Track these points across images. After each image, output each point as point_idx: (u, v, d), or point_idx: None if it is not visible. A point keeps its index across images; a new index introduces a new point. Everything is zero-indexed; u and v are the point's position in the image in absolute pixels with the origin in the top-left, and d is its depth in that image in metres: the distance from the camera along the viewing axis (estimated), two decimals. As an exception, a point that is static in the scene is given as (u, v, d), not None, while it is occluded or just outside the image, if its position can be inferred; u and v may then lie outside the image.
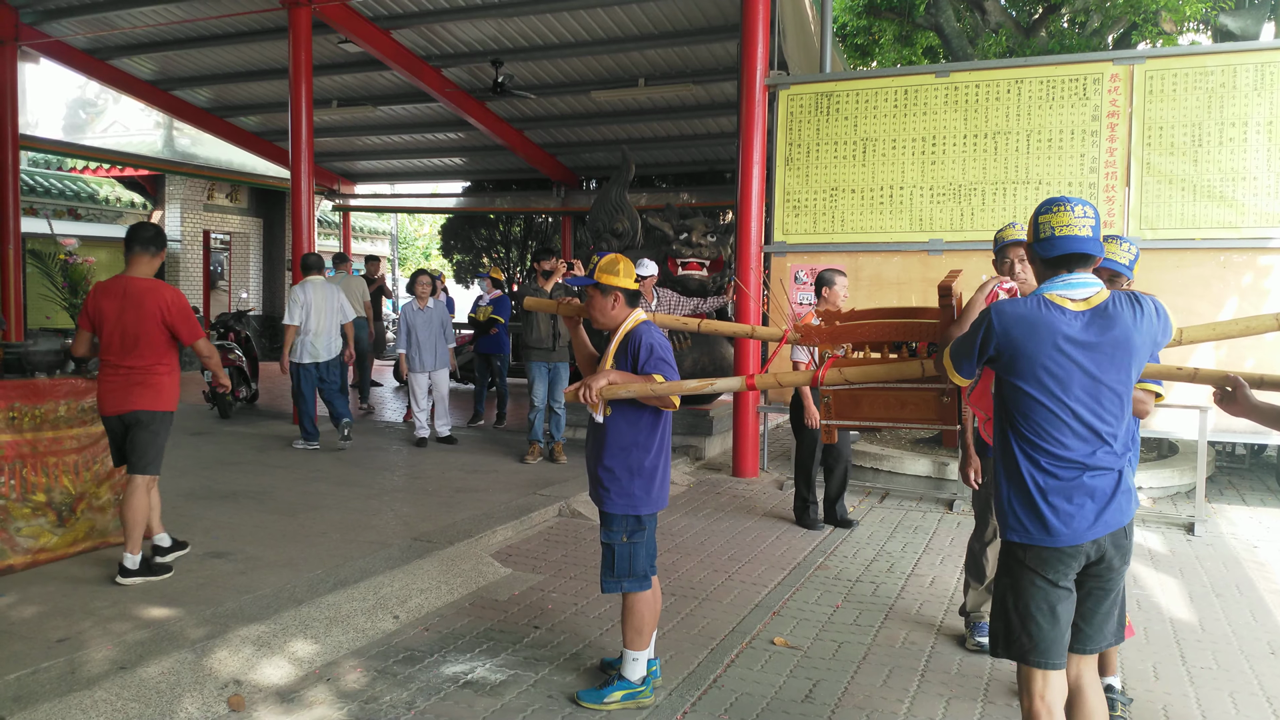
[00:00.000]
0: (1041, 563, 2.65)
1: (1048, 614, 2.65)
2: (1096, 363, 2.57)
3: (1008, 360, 2.62)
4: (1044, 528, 2.62)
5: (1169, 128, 6.96)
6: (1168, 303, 7.01)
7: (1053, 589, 2.65)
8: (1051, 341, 2.57)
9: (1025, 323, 2.59)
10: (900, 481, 7.81)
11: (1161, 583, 5.40)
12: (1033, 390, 2.60)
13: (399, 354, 8.92)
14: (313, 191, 10.42)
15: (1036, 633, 2.66)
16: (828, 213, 7.90)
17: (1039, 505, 2.62)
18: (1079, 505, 2.60)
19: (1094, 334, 2.58)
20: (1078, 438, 2.60)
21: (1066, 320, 2.58)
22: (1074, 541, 2.61)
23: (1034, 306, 2.61)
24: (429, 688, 3.81)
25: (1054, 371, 2.57)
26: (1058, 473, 2.61)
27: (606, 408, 3.62)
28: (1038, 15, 15.30)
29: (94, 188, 15.98)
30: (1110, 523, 2.62)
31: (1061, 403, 2.58)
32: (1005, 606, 2.74)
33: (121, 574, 4.64)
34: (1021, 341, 2.59)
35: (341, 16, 10.58)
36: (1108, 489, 2.62)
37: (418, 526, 5.95)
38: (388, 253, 25.62)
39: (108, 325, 4.72)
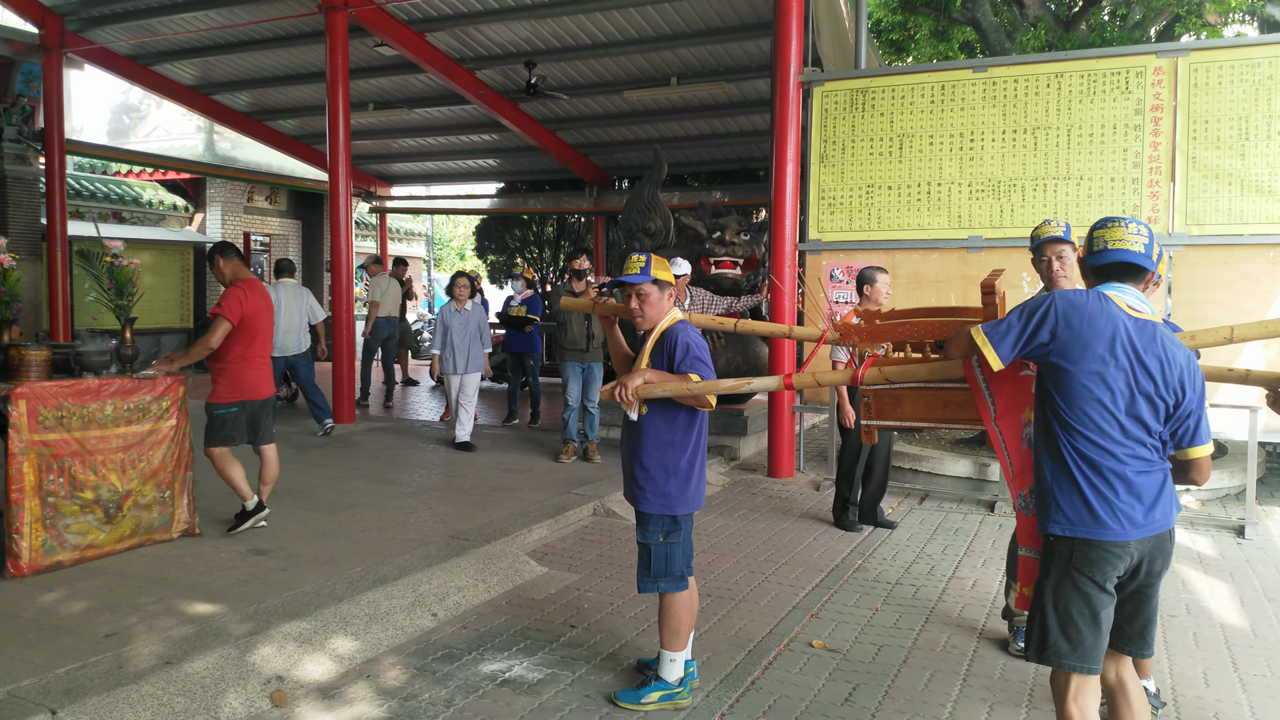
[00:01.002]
0: (1088, 562, 2.62)
1: (1089, 619, 2.62)
2: (1143, 368, 2.58)
3: (1062, 346, 2.61)
4: (1093, 518, 2.60)
5: (1214, 121, 6.83)
6: (1214, 299, 6.96)
7: (1098, 593, 2.62)
8: (1110, 333, 2.59)
9: (1086, 311, 2.62)
10: (940, 483, 7.72)
11: (1211, 587, 5.29)
12: (1086, 380, 2.59)
13: (433, 354, 8.89)
14: (350, 194, 10.52)
15: (1076, 637, 2.62)
16: (863, 210, 7.84)
17: (1087, 496, 2.61)
18: (1128, 502, 2.59)
19: (1144, 343, 2.60)
20: (1126, 433, 2.59)
21: (1124, 318, 2.62)
22: (1122, 538, 2.59)
23: (1095, 299, 2.64)
24: (467, 685, 3.83)
25: (1108, 363, 2.58)
26: (1107, 465, 2.60)
27: (642, 406, 3.61)
28: (1077, 8, 15.08)
29: (137, 191, 16.27)
30: (1159, 523, 2.61)
31: (1113, 395, 2.58)
32: (1044, 608, 2.70)
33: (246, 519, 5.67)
34: (1080, 329, 2.60)
35: (377, 20, 10.67)
36: (1154, 488, 2.62)
37: (455, 525, 5.99)
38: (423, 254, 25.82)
39: (261, 320, 5.65)
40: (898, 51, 16.48)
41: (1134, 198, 7.03)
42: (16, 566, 4.64)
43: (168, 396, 5.36)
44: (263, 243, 18.93)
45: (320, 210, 18.46)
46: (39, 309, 12.89)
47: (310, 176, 17.43)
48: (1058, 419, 2.66)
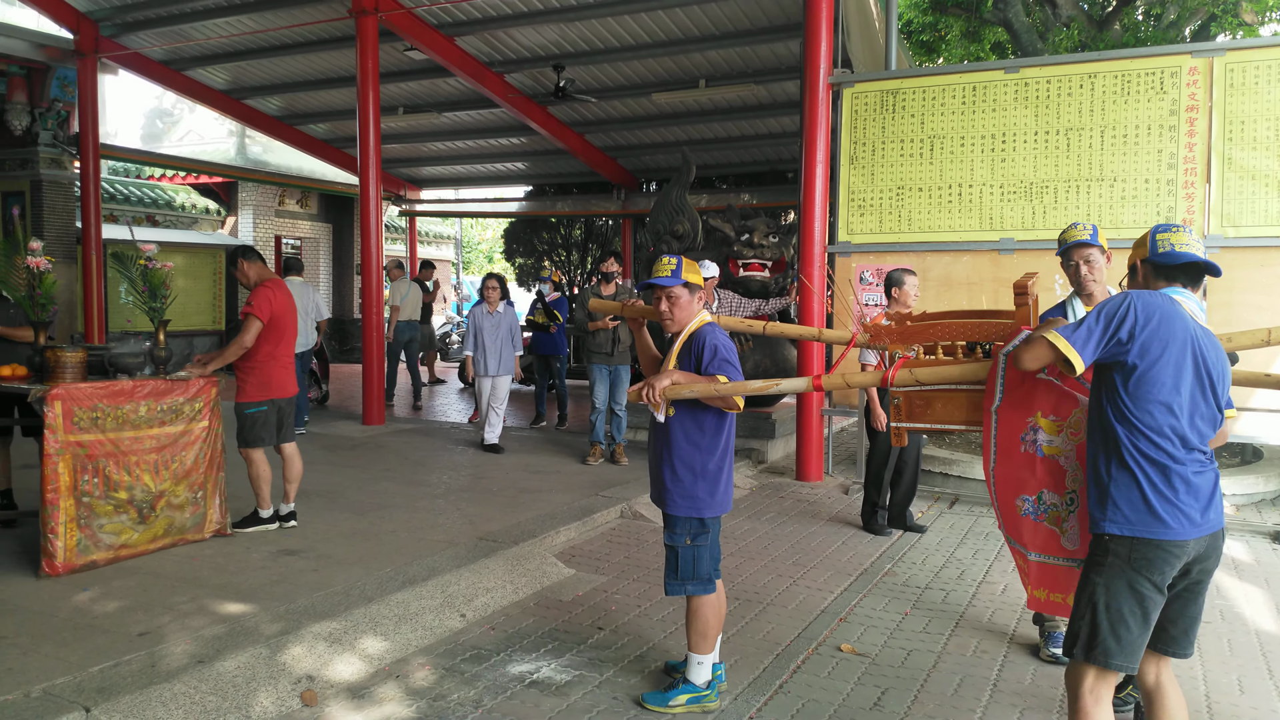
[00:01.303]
0: (1147, 562, 2.62)
1: (1140, 619, 2.63)
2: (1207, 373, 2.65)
3: (1140, 345, 2.62)
4: (1154, 518, 2.61)
5: (1251, 121, 6.72)
6: (1251, 302, 6.84)
7: (1153, 593, 2.63)
8: (1183, 337, 2.63)
9: (1164, 313, 2.65)
10: (970, 486, 7.65)
11: (1246, 593, 5.21)
12: (1158, 380, 2.62)
13: (465, 356, 8.89)
14: (380, 197, 10.60)
15: (1126, 636, 2.62)
16: (894, 211, 7.78)
17: (1148, 496, 2.61)
18: (1187, 502, 2.60)
19: (1209, 349, 2.69)
20: (1186, 434, 2.63)
21: (1192, 323, 2.68)
22: (1182, 537, 2.60)
23: (1168, 301, 2.69)
24: (496, 686, 3.84)
25: (1180, 365, 2.62)
26: (1170, 465, 2.61)
27: (669, 408, 3.60)
28: (1111, 8, 14.90)
29: (170, 195, 16.49)
30: (1213, 522, 2.64)
31: (1180, 396, 2.62)
32: (1095, 606, 2.68)
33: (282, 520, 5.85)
34: (1158, 329, 2.62)
35: (407, 24, 10.75)
36: (1209, 488, 2.65)
37: (483, 526, 6.01)
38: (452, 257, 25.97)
39: (288, 319, 5.78)
40: (928, 53, 16.37)
41: (1169, 199, 6.93)
42: (51, 566, 4.71)
43: (200, 398, 5.42)
44: (294, 246, 19.12)
45: (351, 214, 18.62)
46: (74, 311, 13.10)
47: (341, 180, 17.59)
48: (1121, 418, 2.67)
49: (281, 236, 18.05)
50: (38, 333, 5.31)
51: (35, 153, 12.91)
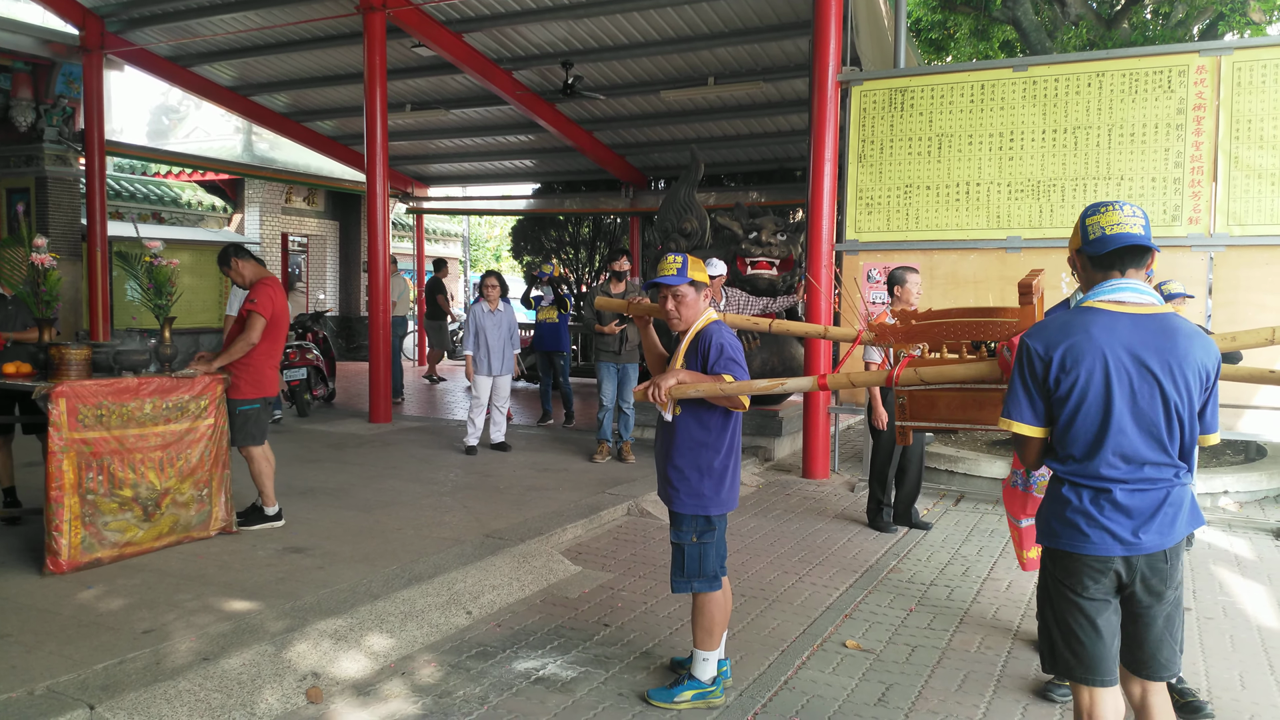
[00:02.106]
0: (1067, 573, 2.55)
1: (1088, 627, 2.53)
2: (1145, 372, 2.44)
3: (1056, 384, 2.51)
4: (1076, 531, 2.51)
5: (1258, 120, 6.69)
6: (1256, 300, 6.82)
7: (1087, 601, 2.52)
8: (1097, 348, 2.45)
9: (1059, 331, 2.51)
10: (976, 484, 7.64)
11: (1248, 589, 5.19)
12: (1071, 400, 2.49)
13: (466, 355, 8.76)
14: (388, 194, 10.60)
15: (1078, 648, 2.54)
16: (901, 210, 7.77)
17: (1070, 511, 2.53)
18: (1114, 519, 2.47)
19: (1144, 343, 2.45)
20: (1116, 451, 2.46)
21: (1114, 325, 2.47)
22: (1105, 552, 2.48)
23: (1066, 315, 2.54)
24: (501, 683, 3.84)
25: (1095, 380, 2.46)
26: (1093, 486, 2.50)
27: (676, 407, 3.61)
28: (1120, 7, 14.85)
29: (176, 192, 16.52)
30: (1154, 543, 2.47)
31: (1105, 421, 2.46)
32: (1046, 621, 2.64)
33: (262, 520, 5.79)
34: (1062, 361, 2.48)
35: (415, 21, 10.75)
36: (1149, 508, 2.47)
37: (489, 524, 6.01)
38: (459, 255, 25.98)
39: (285, 317, 5.82)
40: (937, 51, 16.34)
41: (1175, 198, 6.91)
42: (56, 563, 4.73)
43: (206, 395, 5.44)
44: (300, 243, 19.15)
45: (357, 211, 18.65)
46: (79, 308, 13.13)
47: (348, 177, 17.60)
48: (1054, 429, 2.58)
49: (288, 234, 18.08)
50: (42, 330, 5.33)
51: (40, 149, 12.93)
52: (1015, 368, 2.61)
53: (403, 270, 13.45)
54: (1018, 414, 2.60)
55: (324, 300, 18.03)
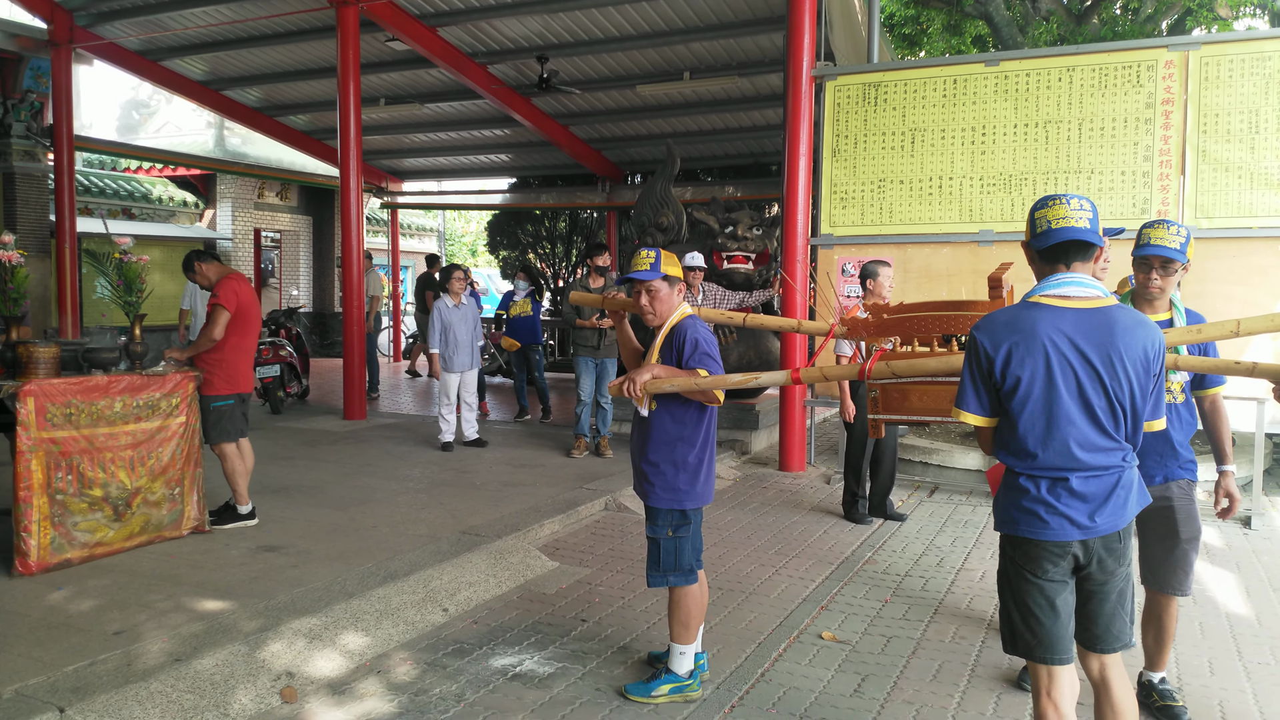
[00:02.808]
0: (1027, 559, 2.61)
1: (1046, 608, 2.60)
2: (1087, 366, 2.50)
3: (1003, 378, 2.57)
4: (1033, 517, 2.58)
5: (1225, 114, 6.78)
6: (1223, 292, 6.90)
7: (1046, 583, 2.60)
8: (1041, 342, 2.51)
9: (1007, 327, 2.56)
10: (950, 475, 7.70)
11: (1217, 577, 5.27)
12: (1023, 391, 2.55)
13: (432, 353, 8.56)
14: (361, 189, 10.53)
15: (1038, 628, 2.61)
16: (875, 204, 7.81)
17: (1027, 499, 2.59)
18: (1070, 504, 2.55)
19: (1087, 336, 2.50)
20: (1067, 441, 2.53)
21: (1059, 319, 2.52)
22: (1063, 537, 2.55)
23: (1013, 311, 2.59)
24: (478, 680, 3.84)
25: (1043, 372, 2.52)
26: (1047, 475, 2.57)
27: (651, 402, 3.61)
28: (1089, 2, 14.99)
29: (147, 187, 16.32)
30: (1105, 526, 2.56)
31: (1051, 404, 2.52)
32: (1006, 602, 2.71)
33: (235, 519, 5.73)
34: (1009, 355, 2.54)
35: (389, 15, 10.68)
36: (1103, 492, 2.56)
37: (466, 520, 6.00)
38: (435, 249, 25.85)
39: (254, 311, 5.79)
40: (910, 45, 16.41)
41: (1144, 191, 6.98)
42: (25, 564, 4.67)
43: (177, 393, 5.38)
44: (273, 239, 18.97)
45: (331, 206, 18.50)
46: (48, 306, 12.95)
47: (321, 172, 17.46)
48: (1006, 422, 2.63)
49: (261, 229, 17.92)
50: (10, 328, 5.25)
51: (8, 144, 12.73)
52: (965, 360, 2.68)
53: (377, 266, 13.37)
54: (964, 404, 2.69)
55: (297, 296, 17.89)
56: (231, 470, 5.70)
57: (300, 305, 14.05)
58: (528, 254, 18.76)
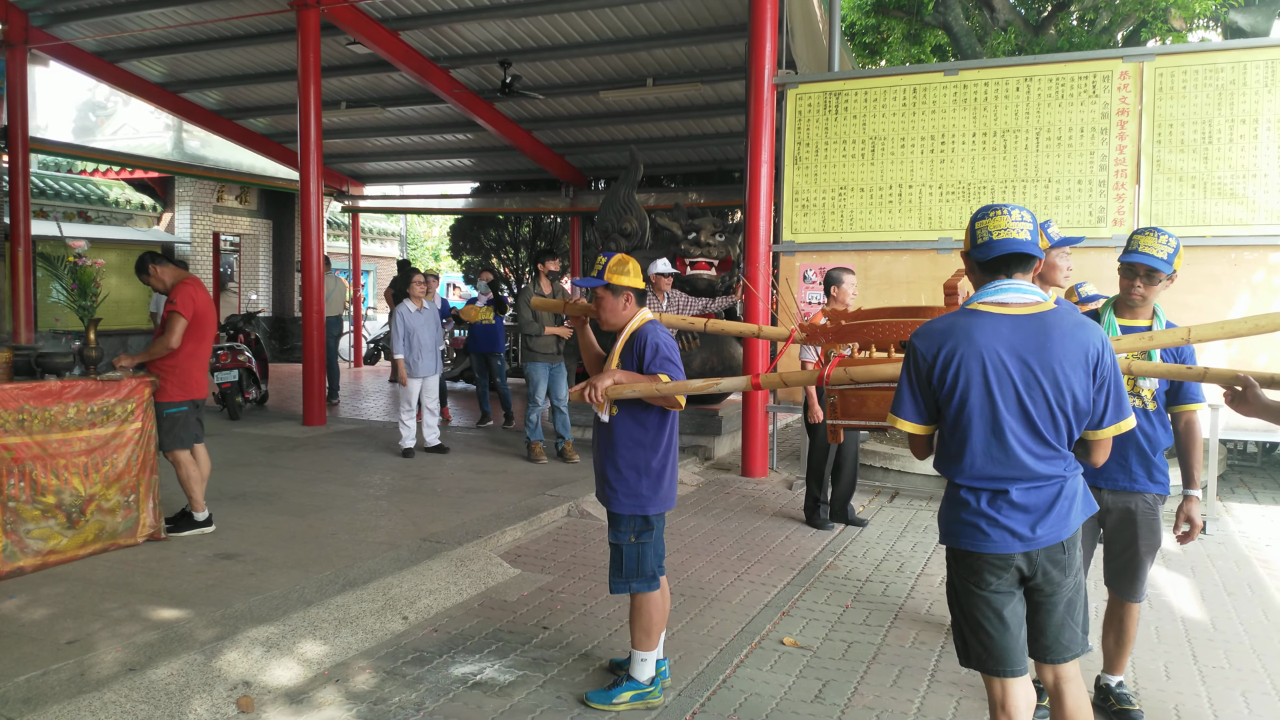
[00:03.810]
0: (970, 571, 2.61)
1: (994, 619, 2.59)
2: (1027, 373, 2.49)
3: (940, 385, 2.57)
4: (975, 530, 2.57)
5: (1179, 125, 6.92)
6: (1178, 300, 7.02)
7: (992, 594, 2.58)
8: (979, 352, 2.51)
9: (945, 335, 2.57)
10: (910, 481, 7.78)
11: (1174, 581, 5.37)
12: (959, 403, 2.54)
13: (396, 359, 8.46)
14: (322, 193, 10.44)
15: (987, 641, 2.60)
16: (836, 211, 7.88)
17: (967, 513, 2.59)
18: (1012, 517, 2.53)
19: (1025, 344, 2.49)
20: (1007, 452, 2.52)
21: (994, 325, 2.52)
22: (1004, 550, 2.54)
23: (952, 319, 2.59)
24: (438, 688, 3.81)
25: (981, 383, 2.51)
26: (981, 486, 2.56)
27: (613, 407, 3.61)
28: (1047, 13, 15.24)
29: (104, 190, 16.05)
30: (1047, 538, 2.53)
31: (989, 415, 2.52)
32: (955, 616, 2.71)
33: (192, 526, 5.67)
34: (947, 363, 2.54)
35: (350, 18, 10.60)
36: (1044, 504, 2.54)
37: (426, 527, 5.95)
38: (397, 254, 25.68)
39: (209, 317, 5.68)
40: (871, 54, 16.58)
41: (1100, 200, 7.11)
42: (-23, 572, 4.57)
43: (133, 399, 5.30)
44: (233, 243, 18.74)
45: (292, 210, 18.31)
46: (1, 310, 12.68)
47: (281, 175, 17.28)
48: (944, 432, 2.63)
49: (220, 233, 17.68)
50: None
51: (-39, 146, 12.49)
52: (903, 366, 2.67)
53: (337, 270, 13.26)
54: (901, 411, 2.67)
55: (256, 301, 17.67)
56: (186, 477, 5.61)
57: (259, 310, 13.87)
58: (491, 259, 18.68)
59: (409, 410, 8.56)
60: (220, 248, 17.78)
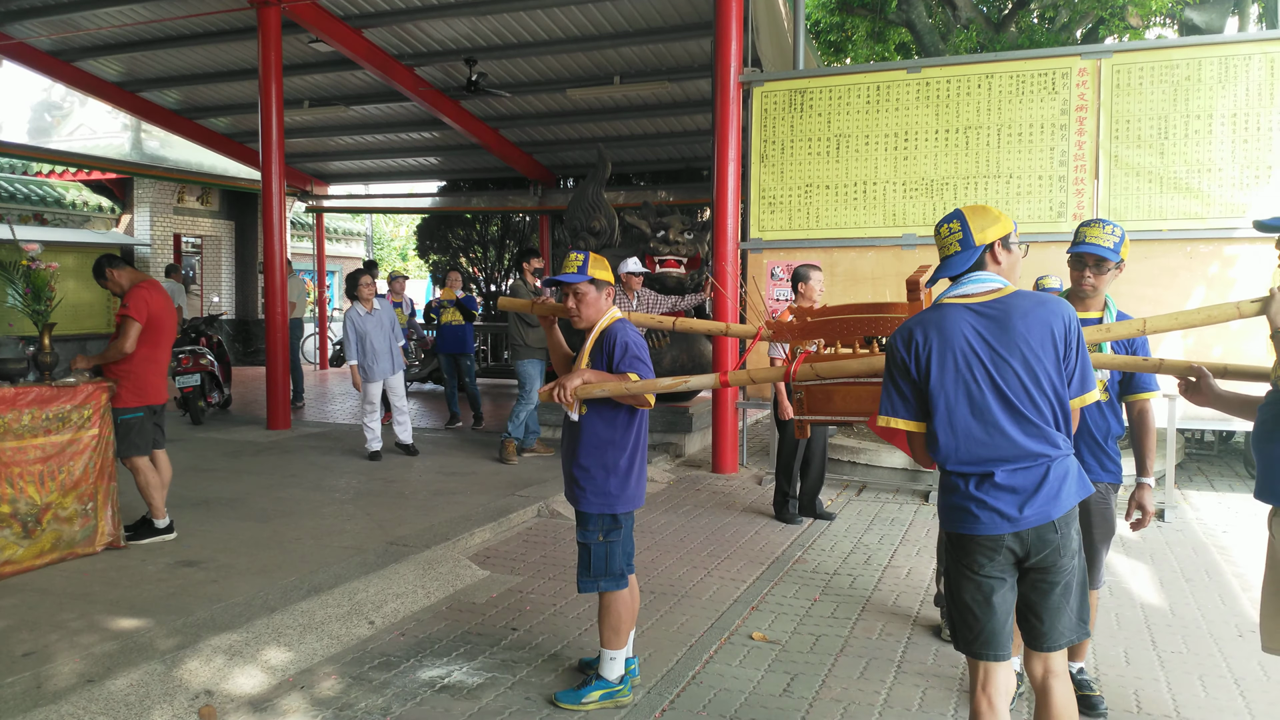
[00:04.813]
0: (963, 553, 2.65)
1: (983, 603, 2.63)
2: (1000, 360, 2.57)
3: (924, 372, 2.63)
4: (965, 513, 2.62)
5: (1136, 121, 7.02)
6: (1135, 293, 7.11)
7: (983, 579, 2.62)
8: (951, 342, 2.59)
9: (920, 330, 2.64)
10: (877, 474, 7.83)
11: (1133, 568, 5.45)
12: (940, 392, 2.61)
13: (350, 365, 8.32)
14: (284, 193, 10.32)
15: (974, 623, 2.64)
16: (803, 209, 7.90)
17: (957, 496, 2.64)
18: (1000, 498, 2.57)
19: (993, 331, 2.58)
20: (989, 435, 2.58)
21: (965, 318, 2.61)
22: (994, 531, 2.58)
23: (925, 315, 2.67)
24: (405, 693, 3.77)
25: (959, 372, 2.59)
26: (974, 471, 2.61)
27: (582, 406, 3.59)
28: (1007, 11, 15.40)
29: (60, 192, 15.76)
30: (1040, 515, 2.56)
31: (970, 402, 2.58)
32: (949, 598, 2.75)
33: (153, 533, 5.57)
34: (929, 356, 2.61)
35: (312, 16, 10.48)
36: (1031, 484, 2.57)
37: (394, 530, 5.90)
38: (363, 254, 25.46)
39: (166, 321, 5.59)
40: (836, 52, 16.67)
41: (1060, 195, 7.19)
42: (-70, 583, 4.46)
43: (89, 405, 5.20)
44: (194, 244, 18.48)
45: (254, 210, 18.07)
46: (-45, 315, 12.42)
47: (243, 176, 17.05)
48: (930, 427, 2.67)
49: (181, 235, 17.43)
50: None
51: (-89, 148, 12.22)
52: (885, 368, 2.74)
53: (300, 271, 13.11)
54: (893, 410, 2.73)
55: (219, 303, 17.44)
56: (145, 484, 5.52)
57: (222, 313, 13.69)
58: (459, 258, 18.57)
59: (372, 412, 8.47)
60: (181, 250, 17.52)
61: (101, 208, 16.29)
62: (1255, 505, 6.31)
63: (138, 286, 5.55)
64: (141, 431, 5.53)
